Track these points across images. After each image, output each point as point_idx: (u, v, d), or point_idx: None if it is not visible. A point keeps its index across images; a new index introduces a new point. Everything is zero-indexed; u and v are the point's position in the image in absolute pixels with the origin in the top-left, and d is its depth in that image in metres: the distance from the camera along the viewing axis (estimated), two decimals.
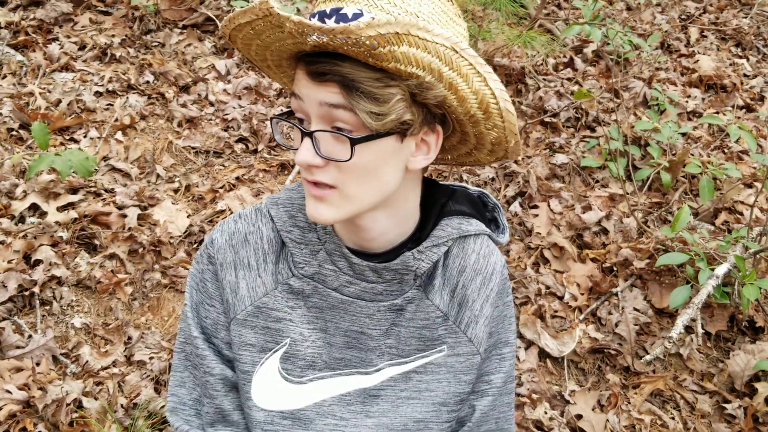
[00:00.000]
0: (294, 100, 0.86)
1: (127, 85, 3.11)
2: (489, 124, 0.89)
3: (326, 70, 0.80)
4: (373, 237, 0.96)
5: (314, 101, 0.82)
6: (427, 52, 0.78)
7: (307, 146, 0.84)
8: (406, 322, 1.02)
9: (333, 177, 0.85)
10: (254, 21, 0.82)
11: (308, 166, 0.84)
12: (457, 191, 1.08)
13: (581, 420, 2.18)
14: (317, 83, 0.82)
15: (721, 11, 4.72)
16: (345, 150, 0.83)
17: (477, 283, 1.05)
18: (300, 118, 0.87)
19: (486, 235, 1.06)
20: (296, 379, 1.00)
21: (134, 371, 2.12)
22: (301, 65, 0.84)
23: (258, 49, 0.90)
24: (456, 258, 1.04)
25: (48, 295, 2.23)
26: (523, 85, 3.57)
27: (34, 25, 3.28)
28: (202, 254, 1.04)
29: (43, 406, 1.90)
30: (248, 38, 0.88)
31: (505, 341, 1.11)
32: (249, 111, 3.11)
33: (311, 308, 1.00)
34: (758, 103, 3.80)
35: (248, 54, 0.94)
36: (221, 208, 2.65)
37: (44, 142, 2.34)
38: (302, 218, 1.00)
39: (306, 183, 0.88)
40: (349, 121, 0.81)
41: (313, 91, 0.82)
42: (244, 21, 0.83)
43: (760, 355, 2.31)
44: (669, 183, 3.01)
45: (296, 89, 0.85)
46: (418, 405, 1.03)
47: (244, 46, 0.92)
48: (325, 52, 0.80)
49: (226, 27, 0.88)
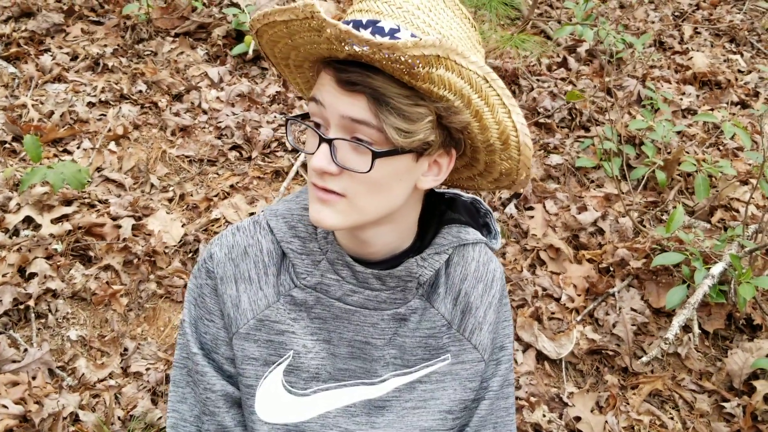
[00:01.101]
0: (313, 104, 0.85)
1: (120, 95, 3.11)
2: (504, 155, 0.90)
3: (357, 80, 0.79)
4: (373, 247, 0.96)
5: (337, 111, 0.82)
6: (460, 77, 0.79)
7: (324, 152, 0.83)
8: (411, 332, 1.02)
9: (344, 186, 0.85)
10: (291, 21, 0.80)
11: (322, 172, 0.84)
12: (455, 200, 1.08)
13: (580, 422, 2.18)
14: (345, 92, 0.81)
15: (715, 7, 4.72)
16: (363, 162, 0.82)
17: (479, 290, 1.06)
18: (317, 122, 0.86)
19: (483, 243, 1.07)
20: (300, 391, 1.00)
21: (131, 383, 2.12)
22: (329, 71, 0.82)
23: (284, 48, 0.89)
24: (457, 266, 1.05)
25: (43, 308, 2.22)
26: (517, 86, 3.56)
27: (25, 37, 3.28)
28: (200, 269, 1.03)
29: (39, 420, 1.90)
30: (278, 36, 0.87)
31: (501, 346, 1.11)
32: (242, 118, 3.10)
33: (314, 319, 0.99)
34: (753, 99, 3.80)
35: (270, 51, 0.93)
36: (216, 217, 2.65)
37: (36, 154, 2.34)
38: (302, 229, 1.00)
39: (313, 187, 0.87)
40: (370, 134, 0.81)
41: (338, 100, 0.81)
42: (280, 19, 0.81)
43: (758, 353, 2.31)
44: (664, 182, 3.01)
45: (318, 95, 0.84)
46: (424, 414, 1.03)
47: (269, 43, 0.90)
48: (356, 62, 0.80)
49: (258, 21, 0.86)
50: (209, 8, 3.67)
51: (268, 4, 3.67)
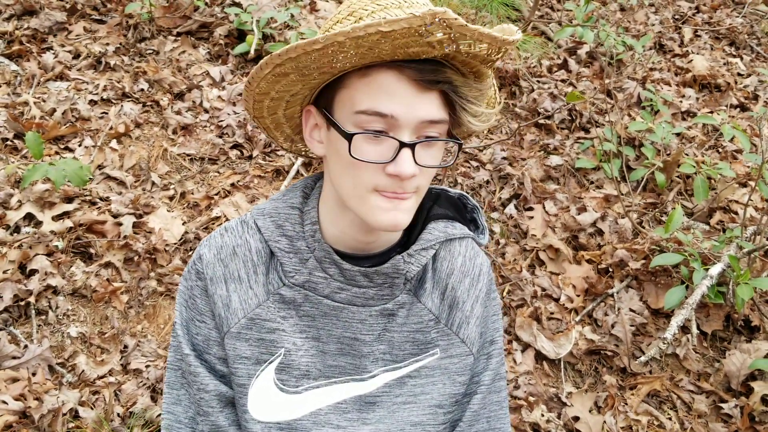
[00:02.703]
0: (367, 116, 0.84)
1: (122, 93, 3.12)
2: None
3: (438, 78, 0.83)
4: (379, 237, 0.99)
5: (415, 116, 0.84)
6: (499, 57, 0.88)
7: (408, 157, 0.84)
8: (399, 327, 1.03)
9: (417, 183, 0.89)
10: (396, 30, 0.76)
11: (410, 177, 0.85)
12: (440, 195, 1.10)
13: (578, 422, 2.19)
14: (422, 92, 0.83)
15: (715, 10, 4.73)
16: (437, 156, 0.89)
17: (466, 284, 1.07)
18: (379, 130, 0.85)
19: (470, 237, 1.08)
20: (292, 389, 1.01)
21: (131, 380, 2.12)
22: (400, 75, 0.82)
23: (286, 86, 0.90)
24: (444, 261, 1.06)
25: (44, 305, 2.23)
26: (517, 87, 3.57)
27: (28, 35, 3.28)
28: (190, 270, 1.04)
29: (39, 416, 1.90)
30: (275, 78, 0.88)
31: (491, 340, 1.12)
32: (243, 117, 3.11)
33: (303, 317, 1.00)
34: (752, 102, 3.81)
35: (259, 103, 0.95)
36: (216, 215, 2.65)
37: (38, 151, 2.34)
38: (290, 227, 1.00)
39: (384, 194, 0.87)
40: (440, 129, 0.87)
41: (416, 102, 0.83)
42: (391, 29, 0.75)
43: (756, 354, 2.32)
44: (663, 183, 3.01)
45: (385, 106, 0.83)
46: (415, 409, 1.04)
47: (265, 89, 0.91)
48: (427, 60, 0.83)
49: (364, 30, 0.77)
50: (211, 8, 3.68)
51: (269, 4, 3.68)
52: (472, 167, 3.08)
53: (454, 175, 2.99)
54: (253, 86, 0.91)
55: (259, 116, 1.00)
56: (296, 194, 1.03)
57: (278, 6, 3.71)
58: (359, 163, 0.86)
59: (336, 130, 0.88)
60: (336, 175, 0.92)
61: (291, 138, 1.09)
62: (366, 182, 0.87)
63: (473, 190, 2.98)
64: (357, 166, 0.86)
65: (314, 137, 0.97)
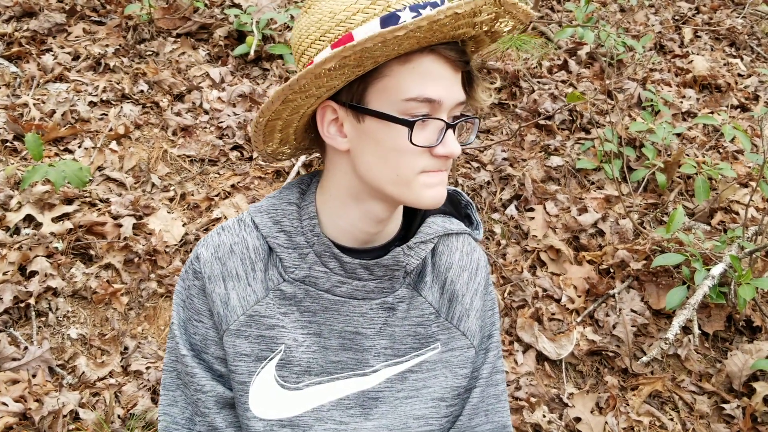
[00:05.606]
0: (416, 103, 0.86)
1: (122, 95, 3.11)
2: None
3: (466, 58, 0.89)
4: (385, 227, 1.00)
5: (454, 98, 0.88)
6: None
7: (453, 138, 0.91)
8: (400, 321, 1.03)
9: (449, 162, 0.94)
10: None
11: (459, 155, 0.92)
12: None
13: (580, 423, 2.18)
14: (456, 73, 0.88)
15: (715, 11, 4.73)
16: (467, 135, 0.94)
17: (464, 278, 1.08)
18: (425, 114, 0.88)
19: (467, 233, 1.10)
20: (293, 385, 1.00)
21: (131, 381, 2.12)
22: (440, 57, 0.85)
23: (291, 111, 0.92)
24: (442, 255, 1.07)
25: (44, 307, 2.22)
26: (518, 88, 3.57)
27: (27, 36, 3.28)
28: (187, 270, 1.04)
29: (39, 418, 1.89)
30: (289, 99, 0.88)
31: (489, 334, 1.13)
32: (244, 118, 3.11)
33: (304, 312, 1.00)
34: (753, 103, 3.81)
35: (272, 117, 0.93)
36: (217, 216, 2.65)
37: (38, 153, 2.34)
38: (287, 223, 1.00)
39: (430, 173, 0.91)
40: (463, 109, 0.92)
41: (453, 84, 0.88)
42: (454, 13, 0.78)
43: (758, 355, 2.31)
44: (664, 184, 3.01)
45: (431, 92, 0.86)
46: (417, 402, 1.04)
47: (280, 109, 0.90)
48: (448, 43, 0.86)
49: (429, 19, 0.78)
50: (211, 9, 3.68)
51: (269, 5, 3.68)
52: (473, 168, 3.08)
53: (455, 176, 2.98)
54: (315, 79, 0.85)
55: (275, 118, 0.95)
56: (292, 191, 1.03)
57: (278, 7, 3.71)
58: (407, 149, 0.87)
59: (384, 119, 0.87)
60: (369, 166, 0.90)
61: (286, 140, 1.04)
62: (415, 166, 0.89)
63: (474, 190, 2.97)
64: (403, 152, 0.87)
65: (331, 132, 0.93)
